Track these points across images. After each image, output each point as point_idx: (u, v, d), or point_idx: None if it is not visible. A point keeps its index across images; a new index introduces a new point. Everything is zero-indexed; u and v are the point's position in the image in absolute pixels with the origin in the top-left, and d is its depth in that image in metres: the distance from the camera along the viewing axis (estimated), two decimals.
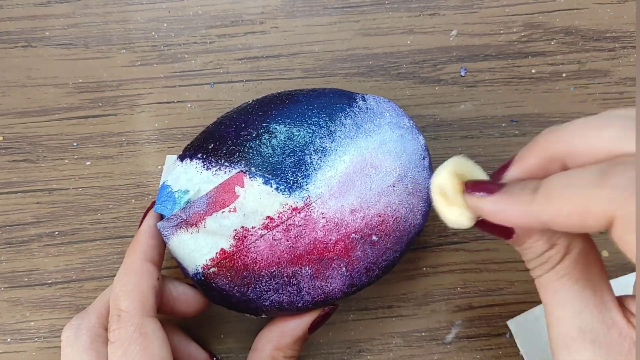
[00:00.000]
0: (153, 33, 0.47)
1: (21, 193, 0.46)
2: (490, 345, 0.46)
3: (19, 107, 0.46)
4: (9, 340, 0.45)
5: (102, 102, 0.46)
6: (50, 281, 0.45)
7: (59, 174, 0.46)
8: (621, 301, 0.28)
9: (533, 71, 0.47)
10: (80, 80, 0.46)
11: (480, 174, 0.32)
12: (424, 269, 0.46)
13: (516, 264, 0.46)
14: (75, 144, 0.46)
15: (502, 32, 0.47)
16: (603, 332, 0.26)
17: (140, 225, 0.38)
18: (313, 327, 0.39)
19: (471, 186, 0.30)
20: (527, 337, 0.44)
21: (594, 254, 0.30)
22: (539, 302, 0.44)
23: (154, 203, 0.38)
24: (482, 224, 0.31)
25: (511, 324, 0.45)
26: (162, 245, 0.38)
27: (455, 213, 0.31)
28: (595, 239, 0.31)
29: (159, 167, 0.46)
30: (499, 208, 0.29)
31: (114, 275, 0.37)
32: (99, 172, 0.46)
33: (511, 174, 0.30)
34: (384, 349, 0.46)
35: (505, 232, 0.31)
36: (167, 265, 0.45)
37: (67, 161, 0.46)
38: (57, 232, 0.46)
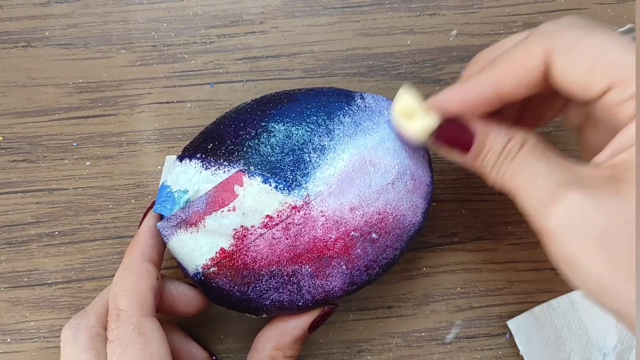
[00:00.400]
0: (153, 33, 0.47)
1: (21, 193, 0.46)
2: (490, 345, 0.46)
3: (19, 107, 0.46)
4: (9, 340, 0.45)
5: (102, 102, 0.46)
6: (50, 281, 0.45)
7: (59, 174, 0.46)
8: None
9: None
10: (80, 80, 0.46)
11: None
12: (424, 269, 0.46)
13: (516, 264, 0.46)
14: (75, 144, 0.46)
15: (502, 32, 0.47)
16: (577, 179, 0.28)
17: (139, 225, 0.38)
18: (313, 326, 0.39)
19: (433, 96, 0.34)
20: (527, 337, 0.44)
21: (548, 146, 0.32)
22: (539, 302, 0.44)
23: (153, 203, 0.38)
24: (442, 134, 0.34)
25: (511, 324, 0.45)
26: (161, 245, 0.38)
27: (420, 120, 0.34)
28: None
29: (159, 167, 0.46)
30: (459, 92, 0.33)
31: (114, 275, 0.37)
32: (99, 172, 0.46)
33: None
34: (384, 349, 0.46)
35: (465, 141, 0.33)
36: (167, 265, 0.45)
37: (67, 161, 0.46)
38: (57, 232, 0.46)
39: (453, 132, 0.33)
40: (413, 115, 0.35)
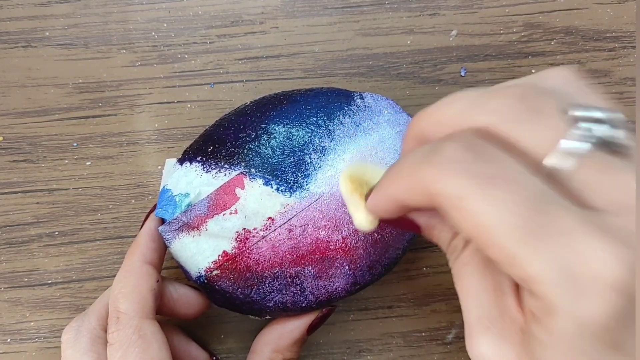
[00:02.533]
0: (153, 33, 0.47)
1: (21, 193, 0.46)
2: None
3: (19, 107, 0.46)
4: (9, 340, 0.45)
5: (102, 102, 0.46)
6: (50, 281, 0.45)
7: (59, 174, 0.46)
8: (519, 286, 0.26)
9: (533, 71, 0.47)
10: (80, 81, 0.46)
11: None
12: (424, 269, 0.46)
13: None
14: (75, 144, 0.46)
15: (502, 32, 0.47)
16: (497, 318, 0.25)
17: (141, 228, 0.38)
18: (311, 328, 0.39)
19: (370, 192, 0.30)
20: None
21: None
22: None
23: (155, 206, 0.38)
24: (388, 222, 0.30)
25: None
26: (162, 247, 0.38)
27: (358, 216, 0.31)
28: None
29: (159, 167, 0.46)
30: (383, 199, 0.28)
31: (114, 276, 0.37)
32: (99, 172, 0.46)
33: None
34: (384, 349, 0.46)
35: (411, 226, 0.30)
36: (168, 265, 0.45)
37: (67, 161, 0.46)
38: (57, 232, 0.46)
39: (397, 224, 0.31)
40: (358, 206, 0.31)
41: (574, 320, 0.21)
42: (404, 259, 0.40)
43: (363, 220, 0.31)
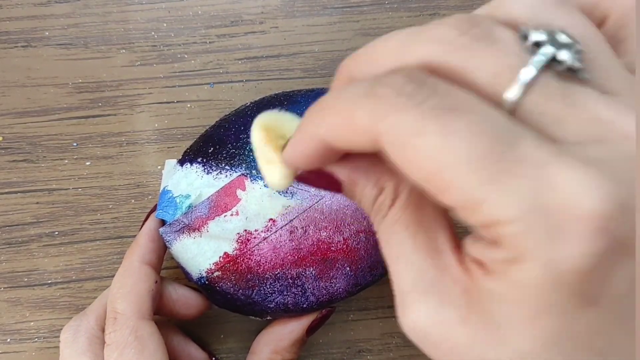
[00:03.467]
0: (153, 33, 0.47)
1: (21, 193, 0.46)
2: None
3: (19, 107, 0.46)
4: (9, 340, 0.45)
5: (102, 102, 0.46)
6: (50, 281, 0.45)
7: (59, 174, 0.46)
8: (459, 243, 0.22)
9: None
10: (80, 80, 0.46)
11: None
12: None
13: None
14: (75, 144, 0.46)
15: None
16: (436, 279, 0.21)
17: (141, 228, 0.38)
18: (311, 329, 0.39)
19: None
20: None
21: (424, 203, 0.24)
22: None
23: (155, 206, 0.38)
24: (304, 179, 0.26)
25: None
26: (161, 248, 0.38)
27: (271, 171, 0.26)
28: None
29: (159, 167, 0.46)
30: (299, 146, 0.23)
31: (114, 276, 0.37)
32: (99, 172, 0.46)
33: None
34: (384, 349, 0.46)
35: (331, 182, 0.25)
36: (168, 266, 0.45)
37: (67, 161, 0.46)
38: (57, 232, 0.46)
39: (315, 180, 0.25)
40: (271, 159, 0.26)
41: (547, 267, 0.17)
42: None
43: (276, 175, 0.26)
